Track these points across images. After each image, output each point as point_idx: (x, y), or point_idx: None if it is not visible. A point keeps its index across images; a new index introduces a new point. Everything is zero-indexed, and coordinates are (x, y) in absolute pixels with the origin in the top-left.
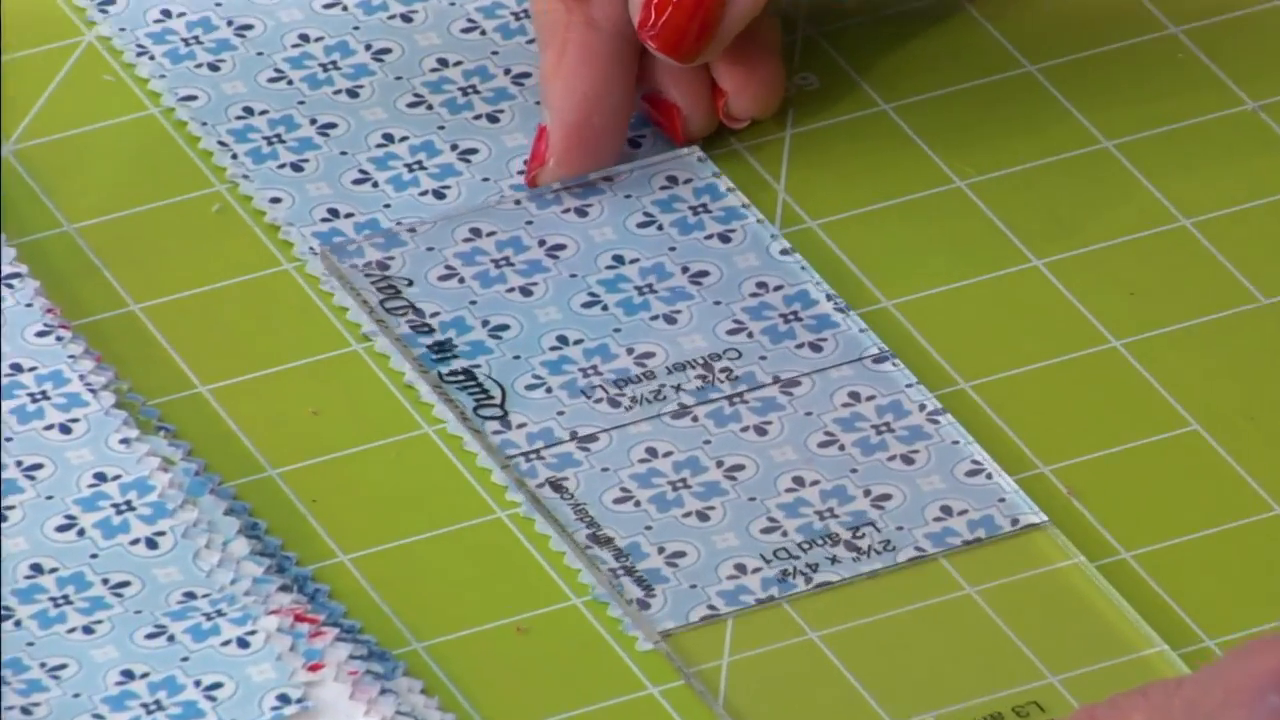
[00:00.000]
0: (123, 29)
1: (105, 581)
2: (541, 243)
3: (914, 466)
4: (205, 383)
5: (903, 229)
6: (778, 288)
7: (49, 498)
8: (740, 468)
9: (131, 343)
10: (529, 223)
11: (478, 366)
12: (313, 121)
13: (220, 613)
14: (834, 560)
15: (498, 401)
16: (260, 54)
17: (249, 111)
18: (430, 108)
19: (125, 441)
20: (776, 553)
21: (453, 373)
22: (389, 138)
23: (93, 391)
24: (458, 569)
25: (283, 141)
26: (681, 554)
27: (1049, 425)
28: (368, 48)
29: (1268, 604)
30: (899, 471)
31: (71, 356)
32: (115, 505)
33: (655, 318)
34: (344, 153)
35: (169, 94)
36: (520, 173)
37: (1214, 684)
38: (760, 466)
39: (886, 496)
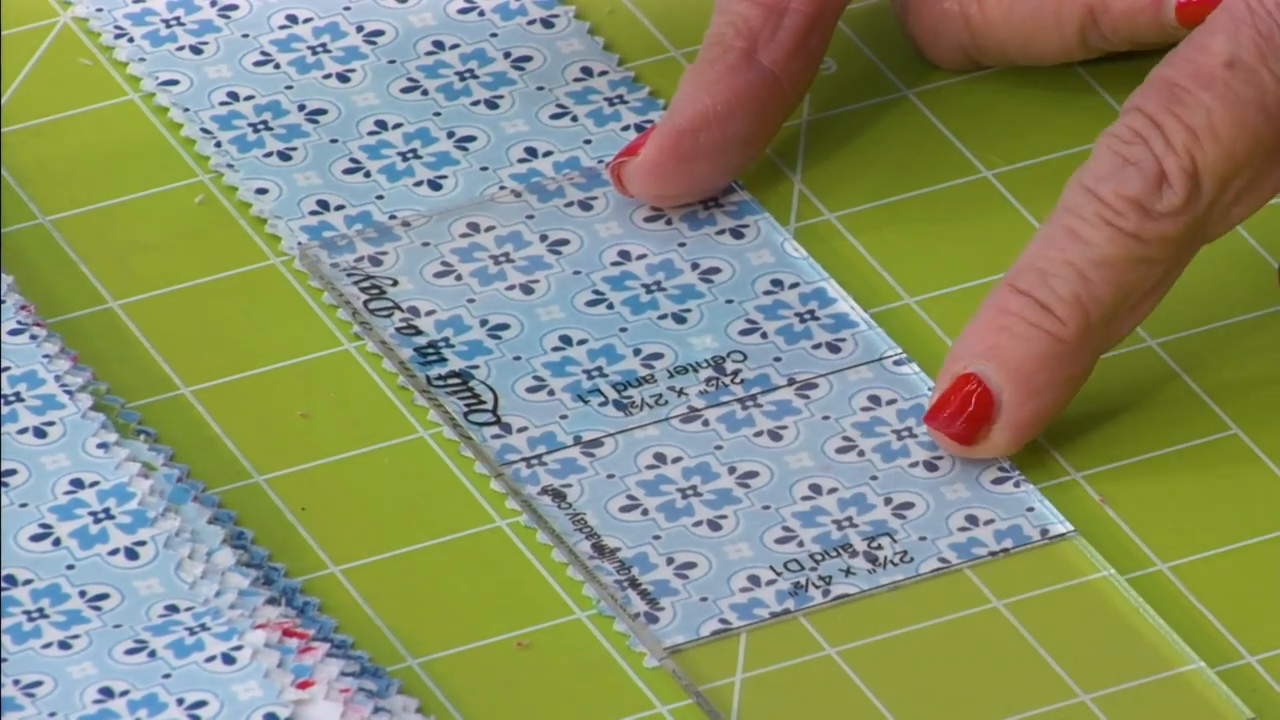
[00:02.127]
0: (100, 10)
1: (83, 594)
2: (543, 238)
3: (937, 474)
4: (188, 384)
5: (926, 222)
6: (793, 285)
7: (23, 505)
8: (754, 474)
9: (110, 341)
10: (530, 217)
11: (475, 368)
12: (301, 107)
13: (204, 627)
14: (849, 572)
15: (490, 407)
16: (245, 36)
17: (233, 97)
18: (425, 93)
19: (103, 446)
20: (788, 564)
21: (440, 377)
22: (382, 124)
23: (69, 393)
24: (455, 581)
25: (269, 129)
26: (691, 565)
27: (1080, 429)
28: (359, 29)
29: None
30: (922, 479)
31: (47, 356)
32: (93, 513)
33: (663, 317)
34: (334, 140)
35: (149, 78)
36: (521, 160)
37: None
38: (775, 473)
39: (909, 505)
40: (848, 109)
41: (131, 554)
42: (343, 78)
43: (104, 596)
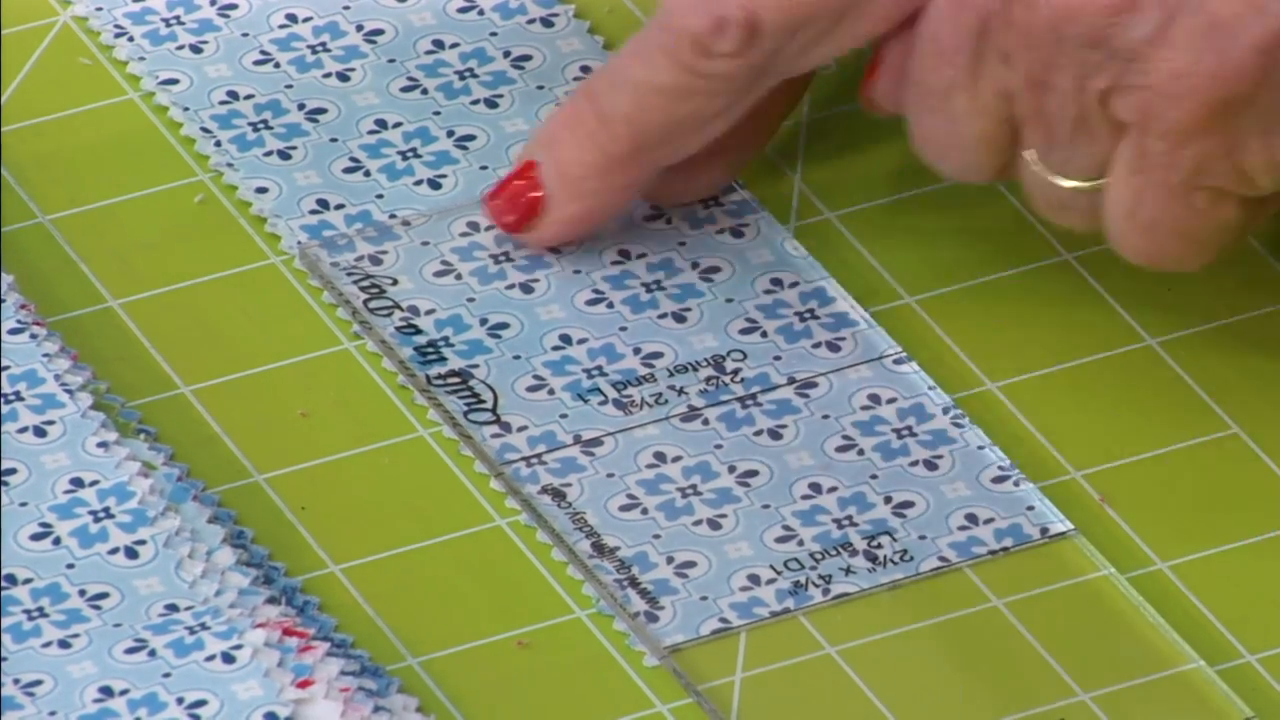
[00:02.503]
0: (100, 9)
1: (83, 593)
2: None
3: (937, 472)
4: (188, 383)
5: (925, 221)
6: (793, 284)
7: (23, 504)
8: (754, 473)
9: (110, 341)
10: None
11: (475, 367)
12: (301, 106)
13: (204, 626)
14: (849, 571)
15: (489, 406)
16: (245, 35)
17: (233, 96)
18: (425, 92)
19: (103, 445)
20: (788, 563)
21: (440, 376)
22: (381, 124)
23: (69, 392)
24: (455, 580)
25: (269, 128)
26: (691, 564)
27: (1080, 428)
28: (359, 28)
29: None
30: (921, 478)
31: (47, 355)
32: (93, 512)
33: (663, 316)
34: (334, 139)
35: (149, 78)
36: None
37: None
38: (775, 472)
39: (908, 504)
40: (848, 108)
41: (131, 553)
42: (342, 77)
43: (104, 595)
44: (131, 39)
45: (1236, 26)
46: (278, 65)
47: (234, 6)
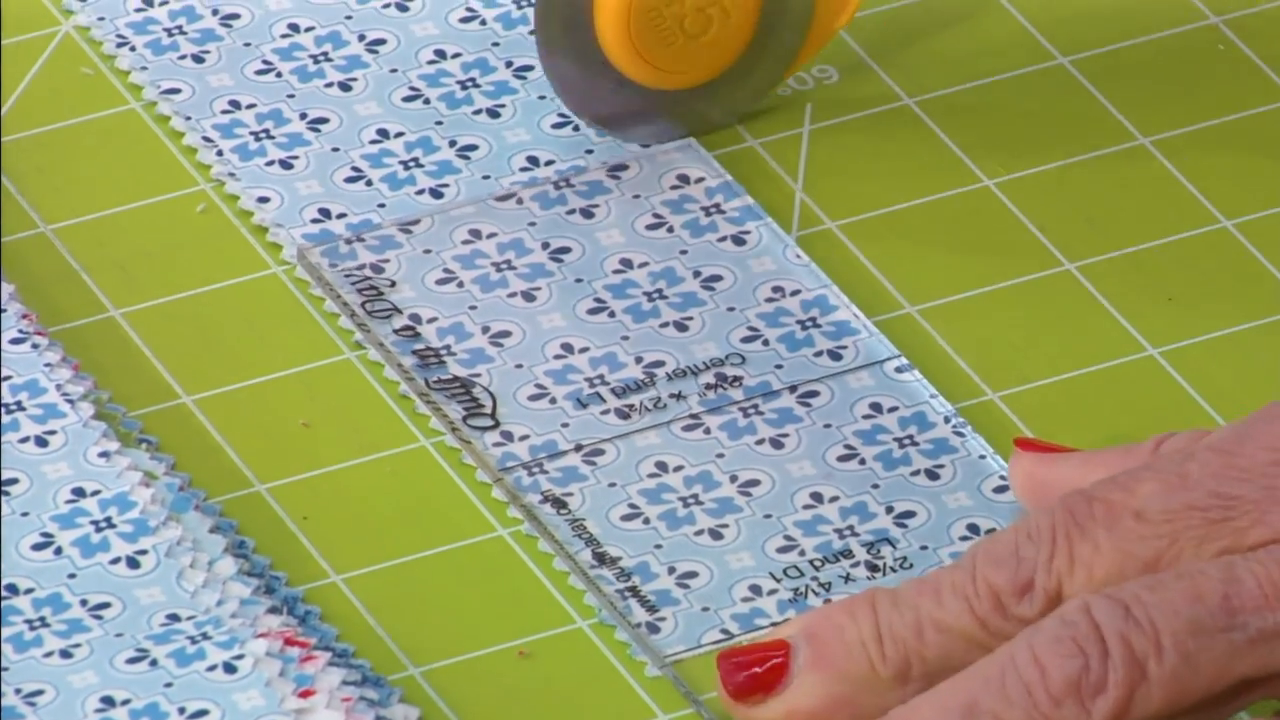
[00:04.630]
0: (102, 18)
1: (84, 603)
2: (545, 245)
3: (939, 482)
4: (190, 393)
5: (927, 231)
6: (795, 292)
7: (24, 514)
8: (755, 483)
9: (112, 350)
10: (532, 224)
11: (477, 376)
12: (303, 116)
13: (206, 636)
14: (848, 579)
15: (489, 410)
16: (247, 45)
17: (235, 106)
18: (427, 102)
19: (105, 455)
20: (788, 570)
21: (440, 380)
22: (383, 133)
23: (70, 402)
24: (456, 590)
25: (271, 137)
26: (693, 574)
27: (1082, 439)
28: (361, 38)
29: None
30: (923, 487)
31: (48, 365)
32: (94, 522)
33: (665, 325)
34: (336, 149)
35: (151, 87)
36: (523, 169)
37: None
38: (776, 481)
39: (910, 514)
40: (849, 118)
41: (133, 563)
42: (344, 86)
43: (105, 605)
44: (133, 49)
45: None
46: (280, 75)
47: (236, 16)
